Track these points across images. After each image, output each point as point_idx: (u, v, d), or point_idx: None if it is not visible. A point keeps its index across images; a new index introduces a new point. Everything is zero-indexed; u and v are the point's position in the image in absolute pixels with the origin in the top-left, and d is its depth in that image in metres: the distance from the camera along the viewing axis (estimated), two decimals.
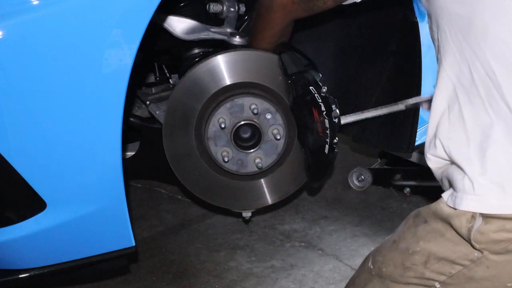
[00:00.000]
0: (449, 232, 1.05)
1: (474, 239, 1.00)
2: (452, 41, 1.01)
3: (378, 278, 1.17)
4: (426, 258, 1.09)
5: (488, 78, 0.97)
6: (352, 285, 1.25)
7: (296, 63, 1.61)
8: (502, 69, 0.96)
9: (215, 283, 1.99)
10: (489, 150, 0.98)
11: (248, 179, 1.79)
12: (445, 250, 1.06)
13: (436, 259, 1.08)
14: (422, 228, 1.10)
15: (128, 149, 1.94)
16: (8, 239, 1.37)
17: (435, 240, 1.08)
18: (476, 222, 0.99)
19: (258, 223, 2.38)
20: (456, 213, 1.02)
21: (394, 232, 1.18)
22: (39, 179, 1.31)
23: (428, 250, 1.08)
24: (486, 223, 0.98)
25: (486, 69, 0.97)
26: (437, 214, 1.07)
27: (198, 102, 1.67)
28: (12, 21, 1.19)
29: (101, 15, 1.23)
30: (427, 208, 1.11)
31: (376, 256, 1.19)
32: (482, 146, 0.99)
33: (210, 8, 1.73)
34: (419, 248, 1.10)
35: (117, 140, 1.32)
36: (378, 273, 1.17)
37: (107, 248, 1.47)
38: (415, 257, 1.10)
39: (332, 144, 1.58)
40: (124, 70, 1.26)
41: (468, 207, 0.99)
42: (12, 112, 1.23)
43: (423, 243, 1.09)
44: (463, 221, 1.01)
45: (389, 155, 2.77)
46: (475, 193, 0.98)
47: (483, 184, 0.98)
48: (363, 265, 1.23)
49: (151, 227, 2.38)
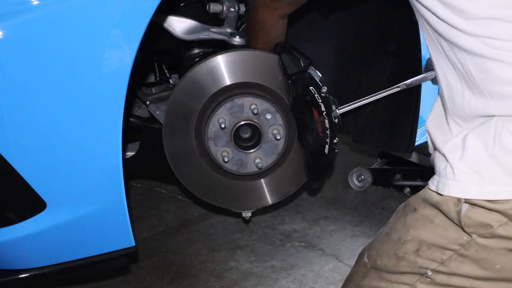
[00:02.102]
0: (438, 218, 1.07)
1: (464, 223, 1.02)
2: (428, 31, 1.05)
3: (374, 271, 1.18)
4: (418, 246, 1.10)
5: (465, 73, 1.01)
6: (350, 281, 1.26)
7: (296, 63, 1.61)
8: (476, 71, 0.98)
9: (215, 283, 1.99)
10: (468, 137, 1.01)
11: (248, 179, 1.79)
12: (435, 236, 1.08)
13: (427, 246, 1.09)
14: (411, 216, 1.12)
15: (128, 149, 1.94)
16: (8, 239, 1.37)
17: (424, 226, 1.10)
18: (463, 207, 1.02)
19: (258, 223, 2.38)
20: (443, 199, 1.05)
21: (386, 225, 1.20)
22: (39, 179, 1.31)
23: (418, 238, 1.10)
24: (472, 207, 1.01)
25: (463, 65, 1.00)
26: (426, 201, 1.09)
27: (198, 102, 1.67)
28: (12, 21, 1.19)
29: (101, 15, 1.23)
30: (415, 196, 1.13)
31: (371, 250, 1.21)
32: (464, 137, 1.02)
33: (210, 8, 1.73)
34: (410, 237, 1.11)
35: (117, 140, 1.32)
36: (373, 266, 1.18)
37: (107, 248, 1.47)
38: (407, 246, 1.11)
39: (332, 144, 1.58)
40: (124, 70, 1.26)
41: (450, 192, 1.03)
42: (12, 112, 1.23)
43: (413, 231, 1.11)
44: (451, 205, 1.03)
45: (389, 155, 2.77)
46: (455, 179, 1.02)
47: (462, 170, 1.01)
48: (359, 261, 1.24)
49: (151, 227, 2.38)
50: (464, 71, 1.01)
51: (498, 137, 0.98)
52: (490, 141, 0.99)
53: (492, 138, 0.99)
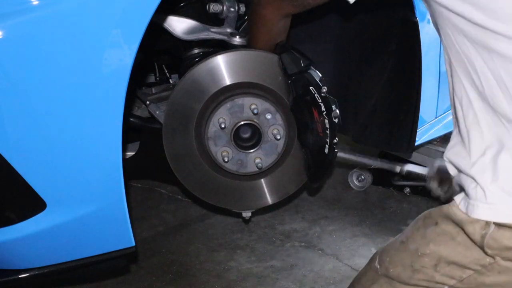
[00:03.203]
0: (461, 236, 1.05)
1: (487, 245, 1.00)
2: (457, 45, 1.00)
3: (385, 278, 1.16)
4: (436, 261, 1.08)
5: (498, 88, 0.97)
6: (358, 283, 1.24)
7: (296, 63, 1.61)
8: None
9: (215, 283, 1.99)
10: (501, 158, 0.98)
11: (248, 179, 1.79)
12: (456, 254, 1.06)
13: (446, 262, 1.07)
14: (432, 230, 1.09)
15: (128, 149, 1.94)
16: (8, 239, 1.37)
17: (446, 243, 1.07)
18: (490, 229, 0.99)
19: (258, 223, 2.38)
20: (470, 220, 1.01)
21: (402, 233, 1.17)
22: (39, 179, 1.31)
23: (438, 253, 1.08)
24: (499, 230, 0.98)
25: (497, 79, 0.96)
26: (449, 217, 1.06)
27: (198, 102, 1.67)
28: (12, 21, 1.19)
29: (101, 15, 1.23)
30: (438, 209, 1.10)
31: (383, 256, 1.18)
32: (496, 154, 0.99)
33: (210, 8, 1.73)
34: (429, 251, 1.09)
35: (117, 140, 1.32)
36: (385, 273, 1.16)
37: (107, 248, 1.47)
38: (425, 259, 1.09)
39: (332, 144, 1.58)
40: (124, 70, 1.26)
41: (480, 215, 0.99)
42: (12, 112, 1.23)
43: (433, 245, 1.08)
44: (477, 228, 1.00)
45: (389, 155, 2.77)
46: (487, 201, 0.98)
47: (494, 193, 0.97)
48: (369, 264, 1.22)
49: (151, 227, 2.38)
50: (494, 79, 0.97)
51: None
52: None
53: None
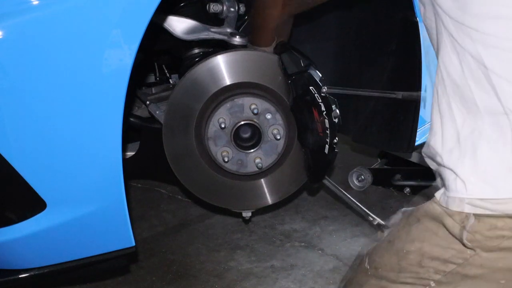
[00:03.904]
0: (442, 231, 1.05)
1: (467, 238, 1.00)
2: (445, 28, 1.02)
3: (375, 279, 1.17)
4: (421, 257, 1.09)
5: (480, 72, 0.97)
6: (350, 284, 1.25)
7: (296, 63, 1.61)
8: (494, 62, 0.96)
9: (215, 283, 1.99)
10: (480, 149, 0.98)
11: (248, 179, 1.79)
12: (439, 249, 1.07)
13: (430, 258, 1.08)
14: (415, 227, 1.10)
15: (128, 149, 1.94)
16: (8, 239, 1.37)
17: (429, 239, 1.08)
18: (469, 221, 0.99)
19: (258, 223, 2.38)
20: (449, 213, 1.02)
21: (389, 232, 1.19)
22: (39, 179, 1.31)
23: (422, 250, 1.09)
24: (479, 221, 0.99)
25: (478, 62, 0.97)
26: (429, 213, 1.07)
27: (198, 102, 1.67)
28: (12, 21, 1.19)
29: (101, 15, 1.23)
30: (420, 207, 1.11)
31: (372, 256, 1.19)
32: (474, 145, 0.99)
33: (210, 8, 1.73)
34: (413, 248, 1.10)
35: (117, 140, 1.32)
36: (374, 274, 1.17)
37: (107, 248, 1.47)
38: (410, 257, 1.10)
39: (332, 144, 1.58)
40: (124, 70, 1.26)
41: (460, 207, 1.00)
42: (12, 112, 1.23)
43: (417, 242, 1.09)
44: (456, 220, 1.01)
45: (389, 155, 2.77)
46: (467, 194, 0.98)
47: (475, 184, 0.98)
48: (360, 266, 1.23)
49: (151, 227, 2.38)
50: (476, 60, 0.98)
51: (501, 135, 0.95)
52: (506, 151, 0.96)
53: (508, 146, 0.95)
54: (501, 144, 0.97)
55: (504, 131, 0.97)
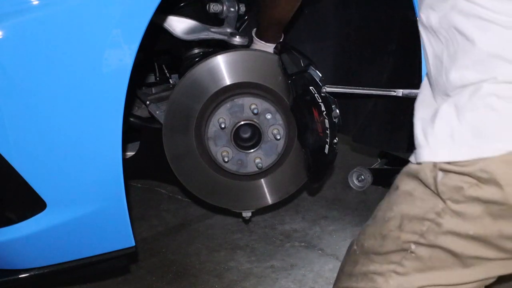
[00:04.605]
0: (417, 190, 1.10)
1: (440, 190, 1.04)
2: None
3: (363, 256, 1.19)
4: (400, 220, 1.12)
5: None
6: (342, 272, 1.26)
7: (296, 63, 1.61)
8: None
9: (215, 283, 1.99)
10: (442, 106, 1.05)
11: (248, 179, 1.79)
12: (415, 208, 1.10)
13: (408, 219, 1.10)
14: (394, 193, 1.15)
15: (128, 149, 1.94)
16: (8, 239, 1.37)
17: (405, 200, 1.11)
18: (439, 174, 1.04)
19: (258, 223, 2.38)
20: (421, 167, 1.07)
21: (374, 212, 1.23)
22: (39, 179, 1.31)
23: (400, 213, 1.12)
24: (446, 174, 1.04)
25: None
26: (405, 173, 1.13)
27: (198, 102, 1.67)
28: (12, 21, 1.19)
29: (101, 15, 1.23)
30: (398, 174, 1.17)
31: (359, 238, 1.22)
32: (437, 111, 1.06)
33: (210, 8, 1.73)
34: (393, 214, 1.13)
35: (117, 140, 1.32)
36: (361, 251, 1.19)
37: (107, 248, 1.47)
38: (391, 223, 1.13)
39: (332, 144, 1.58)
40: (124, 70, 1.26)
41: (424, 158, 1.06)
42: (12, 112, 1.23)
43: (395, 207, 1.13)
44: (428, 172, 1.06)
45: (389, 155, 2.77)
46: (429, 145, 1.05)
47: (435, 136, 1.04)
48: (348, 251, 1.25)
49: (151, 227, 2.38)
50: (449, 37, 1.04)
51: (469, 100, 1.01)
52: (460, 106, 1.02)
53: (462, 103, 1.01)
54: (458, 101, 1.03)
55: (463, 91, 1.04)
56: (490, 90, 1.00)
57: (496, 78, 0.99)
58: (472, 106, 1.01)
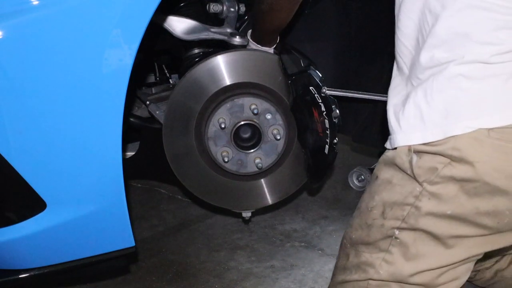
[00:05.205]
0: (396, 176, 1.12)
1: (416, 173, 1.07)
2: None
3: (353, 248, 1.21)
4: (382, 208, 1.14)
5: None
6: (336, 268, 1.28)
7: (296, 63, 1.61)
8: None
9: (215, 283, 1.99)
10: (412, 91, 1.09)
11: (248, 179, 1.79)
12: (395, 194, 1.12)
13: (389, 206, 1.13)
14: (374, 183, 1.18)
15: (128, 149, 1.94)
16: (8, 239, 1.37)
17: (385, 188, 1.14)
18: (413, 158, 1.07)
19: (258, 223, 2.38)
20: (397, 152, 1.11)
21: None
22: (39, 179, 1.31)
23: (382, 201, 1.14)
24: (420, 156, 1.07)
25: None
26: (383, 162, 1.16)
27: (198, 102, 1.68)
28: (12, 21, 1.19)
29: (101, 15, 1.23)
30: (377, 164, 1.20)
31: (347, 230, 1.25)
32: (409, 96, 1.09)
33: (210, 8, 1.73)
34: (375, 203, 1.15)
35: (117, 140, 1.32)
36: (351, 243, 1.21)
37: (107, 248, 1.47)
38: (374, 212, 1.16)
39: (332, 144, 1.58)
40: (124, 70, 1.26)
41: (399, 143, 1.10)
42: (12, 112, 1.23)
43: (377, 196, 1.15)
44: (403, 157, 1.09)
45: None
46: (402, 130, 1.09)
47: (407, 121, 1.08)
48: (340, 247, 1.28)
49: (151, 227, 2.38)
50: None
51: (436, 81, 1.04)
52: (428, 88, 1.05)
53: (430, 85, 1.05)
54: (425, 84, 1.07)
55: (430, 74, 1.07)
56: (457, 70, 1.02)
57: (464, 57, 1.01)
58: (440, 87, 1.03)
